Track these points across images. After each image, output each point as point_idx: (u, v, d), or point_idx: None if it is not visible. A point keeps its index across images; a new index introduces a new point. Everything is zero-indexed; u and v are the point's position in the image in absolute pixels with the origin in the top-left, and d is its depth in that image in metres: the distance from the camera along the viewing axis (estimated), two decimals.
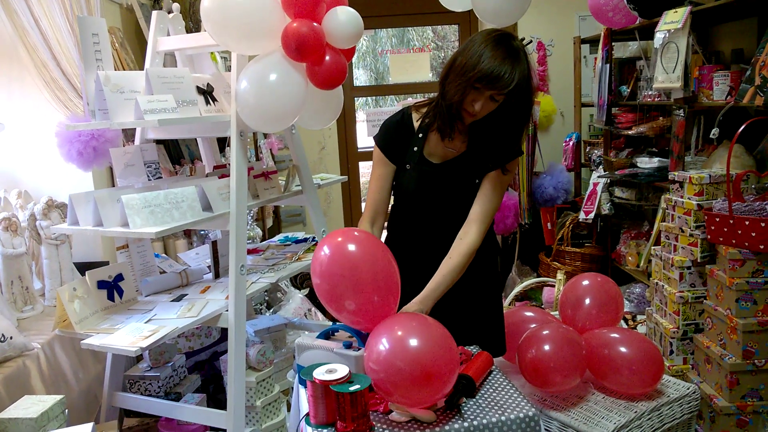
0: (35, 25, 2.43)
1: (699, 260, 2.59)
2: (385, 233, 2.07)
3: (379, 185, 1.96)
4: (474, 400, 1.59)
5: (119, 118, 2.05)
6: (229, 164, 2.19)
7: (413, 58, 5.32)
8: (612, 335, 2.03)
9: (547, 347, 1.91)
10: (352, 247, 1.56)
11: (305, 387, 1.51)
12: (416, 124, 1.93)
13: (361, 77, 9.85)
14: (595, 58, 3.99)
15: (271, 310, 3.37)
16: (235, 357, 2.09)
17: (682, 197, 2.65)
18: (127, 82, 2.10)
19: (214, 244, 2.43)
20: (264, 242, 2.99)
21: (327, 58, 1.99)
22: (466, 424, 1.46)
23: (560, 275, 3.80)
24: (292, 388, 2.30)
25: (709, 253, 2.57)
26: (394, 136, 1.93)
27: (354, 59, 2.39)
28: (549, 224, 4.27)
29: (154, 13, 2.38)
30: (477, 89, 1.71)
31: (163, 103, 2.02)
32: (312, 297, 3.81)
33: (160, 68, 2.31)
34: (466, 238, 1.84)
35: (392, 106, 7.12)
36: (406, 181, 1.93)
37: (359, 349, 1.60)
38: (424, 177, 1.91)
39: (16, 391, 1.90)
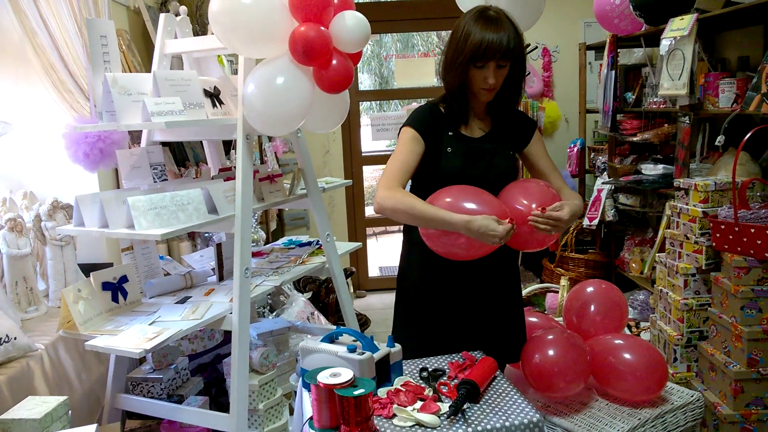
0: (44, 26, 2.44)
1: (704, 267, 2.58)
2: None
3: (410, 158, 1.84)
4: (478, 405, 1.58)
5: (126, 120, 2.05)
6: (235, 167, 2.20)
7: (418, 63, 5.34)
8: (616, 341, 2.02)
9: (551, 352, 1.91)
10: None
11: (309, 390, 1.50)
12: (444, 113, 1.92)
13: (365, 81, 9.87)
14: (601, 65, 3.99)
15: (274, 314, 3.37)
16: (239, 360, 2.09)
17: (687, 204, 2.65)
18: (134, 85, 2.10)
19: (219, 246, 2.43)
20: (268, 245, 3.00)
21: (334, 62, 2.00)
22: (470, 430, 1.46)
23: (564, 281, 3.80)
24: (295, 391, 2.30)
25: (714, 260, 2.56)
26: (429, 119, 1.89)
27: (358, 63, 2.39)
28: None
29: (162, 15, 2.39)
30: (479, 67, 1.78)
31: (171, 106, 2.03)
32: (315, 300, 3.80)
33: (167, 71, 2.31)
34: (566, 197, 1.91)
35: (396, 110, 7.13)
36: (450, 162, 1.86)
37: (363, 353, 1.60)
38: (471, 152, 1.88)
39: (20, 392, 1.91)
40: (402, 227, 2.04)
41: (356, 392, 1.38)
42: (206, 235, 3.19)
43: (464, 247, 1.74)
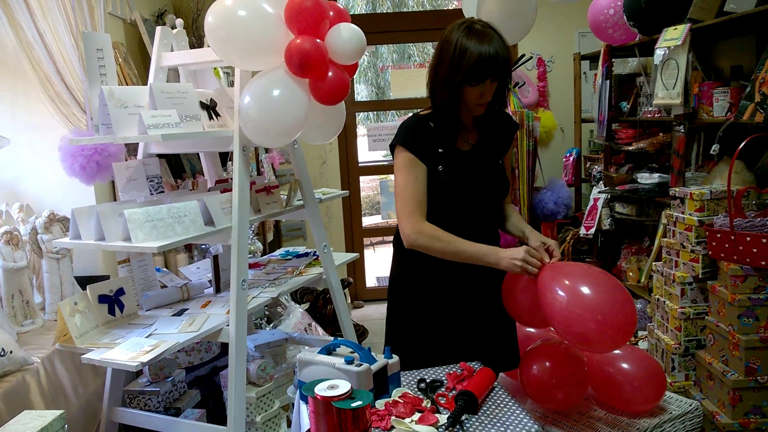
0: (40, 39, 2.44)
1: (700, 276, 2.58)
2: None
3: (420, 186, 1.86)
4: (476, 416, 1.58)
5: (123, 133, 2.05)
6: (231, 179, 2.20)
7: (414, 74, 5.37)
8: (614, 351, 2.02)
9: (548, 363, 1.90)
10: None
11: (306, 403, 1.50)
12: (434, 129, 1.90)
13: (362, 92, 9.92)
14: (595, 74, 4.01)
15: (271, 325, 3.36)
16: (236, 372, 2.09)
17: (683, 213, 2.65)
18: (130, 97, 2.11)
19: (216, 258, 2.43)
20: (265, 256, 3.00)
21: (330, 74, 2.01)
22: None
23: None
24: (293, 404, 2.29)
25: (711, 268, 2.57)
26: (420, 137, 1.87)
27: (354, 74, 2.41)
28: None
29: (158, 28, 2.40)
30: (474, 85, 1.77)
31: (167, 118, 2.03)
32: (312, 311, 3.79)
33: (163, 83, 2.32)
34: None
35: (393, 121, 7.16)
36: (442, 180, 1.86)
37: (361, 365, 1.59)
38: (461, 168, 1.88)
39: (16, 406, 1.89)
40: (393, 236, 2.04)
41: (354, 404, 1.37)
42: (203, 246, 3.19)
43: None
